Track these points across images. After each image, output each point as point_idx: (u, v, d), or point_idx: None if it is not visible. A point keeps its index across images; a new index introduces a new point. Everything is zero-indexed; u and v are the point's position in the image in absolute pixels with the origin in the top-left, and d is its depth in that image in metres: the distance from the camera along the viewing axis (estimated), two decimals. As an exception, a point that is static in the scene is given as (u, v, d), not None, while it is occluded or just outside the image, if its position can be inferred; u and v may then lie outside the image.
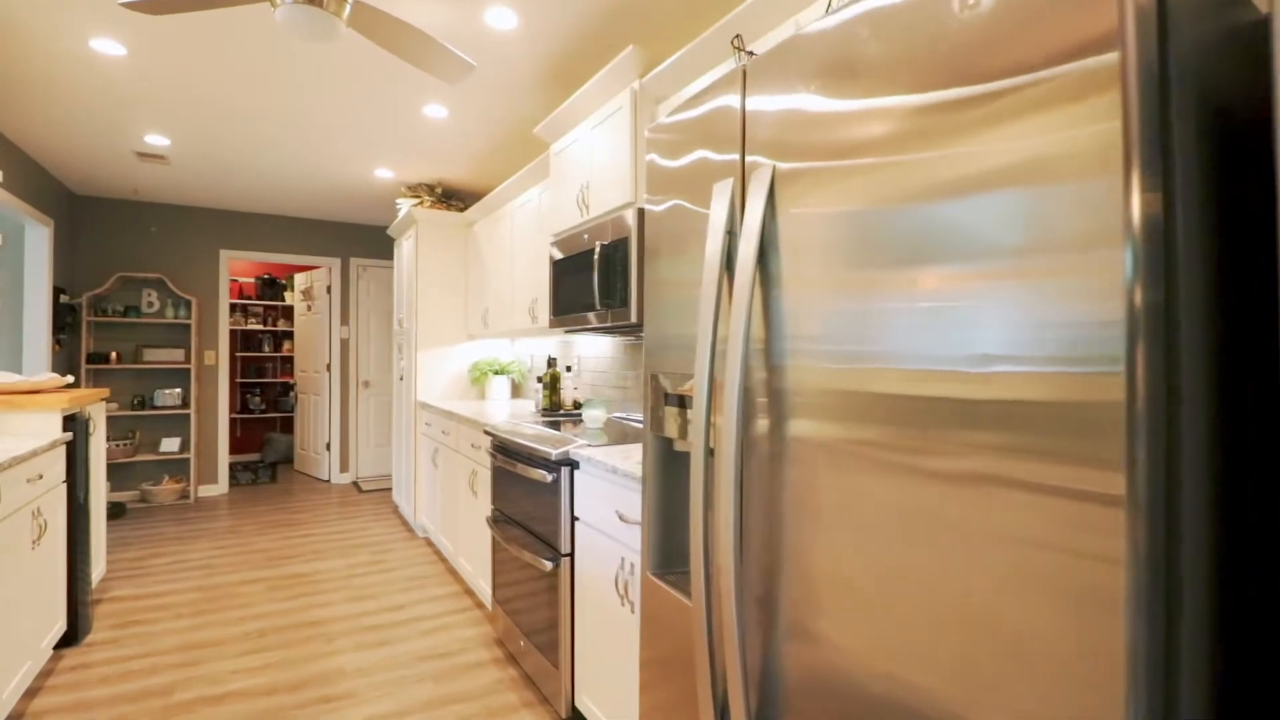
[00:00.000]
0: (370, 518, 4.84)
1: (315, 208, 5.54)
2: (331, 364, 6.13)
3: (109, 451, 5.01)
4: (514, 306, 3.61)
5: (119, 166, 4.34)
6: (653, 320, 1.38)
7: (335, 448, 6.13)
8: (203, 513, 4.99)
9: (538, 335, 3.35)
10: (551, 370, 3.24)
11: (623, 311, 2.30)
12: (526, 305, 3.41)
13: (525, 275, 3.43)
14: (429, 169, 4.35)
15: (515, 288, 3.58)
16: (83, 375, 4.93)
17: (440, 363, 4.40)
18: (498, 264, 3.88)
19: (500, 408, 3.79)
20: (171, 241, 5.44)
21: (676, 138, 1.29)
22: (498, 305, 3.87)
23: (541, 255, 3.24)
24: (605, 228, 2.42)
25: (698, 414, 1.08)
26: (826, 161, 0.90)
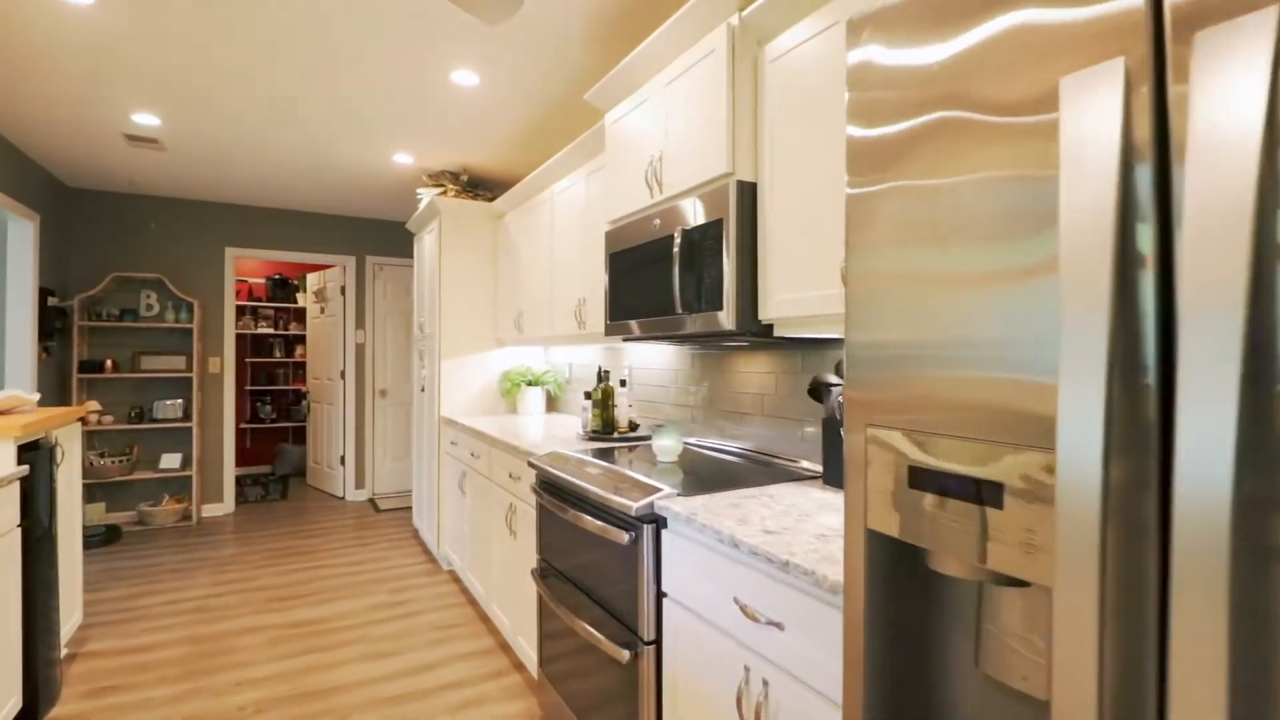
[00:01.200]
0: (389, 544, 4.35)
1: (327, 200, 5.06)
2: (346, 371, 5.66)
3: (104, 469, 4.57)
4: (554, 309, 3.08)
5: (109, 152, 3.88)
6: (868, 330, 0.84)
7: (350, 462, 5.65)
8: (205, 537, 4.53)
9: (586, 343, 2.84)
10: (603, 385, 2.71)
11: (712, 316, 1.77)
12: (570, 307, 2.88)
13: (569, 272, 2.90)
14: (453, 153, 3.84)
15: (556, 287, 3.06)
16: (74, 386, 4.48)
17: (466, 372, 3.89)
18: (533, 259, 3.36)
19: (534, 424, 3.27)
20: (172, 238, 4.99)
21: (903, 92, 0.75)
22: (534, 307, 3.34)
23: (592, 248, 2.71)
24: (686, 209, 1.89)
25: (1080, 505, 0.54)
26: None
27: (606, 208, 2.45)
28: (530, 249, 3.41)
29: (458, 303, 3.87)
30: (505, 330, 3.80)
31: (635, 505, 1.57)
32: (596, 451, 2.34)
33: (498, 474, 2.84)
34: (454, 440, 3.58)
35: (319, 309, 6.13)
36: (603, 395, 2.69)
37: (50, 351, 4.30)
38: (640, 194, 2.18)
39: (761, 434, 2.25)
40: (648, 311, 2.08)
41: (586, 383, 3.56)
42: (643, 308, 2.11)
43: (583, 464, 2.09)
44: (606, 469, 1.97)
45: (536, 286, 3.32)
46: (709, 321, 1.79)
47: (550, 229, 3.14)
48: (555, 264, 3.07)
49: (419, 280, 4.41)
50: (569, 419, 3.55)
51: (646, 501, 1.58)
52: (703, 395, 2.55)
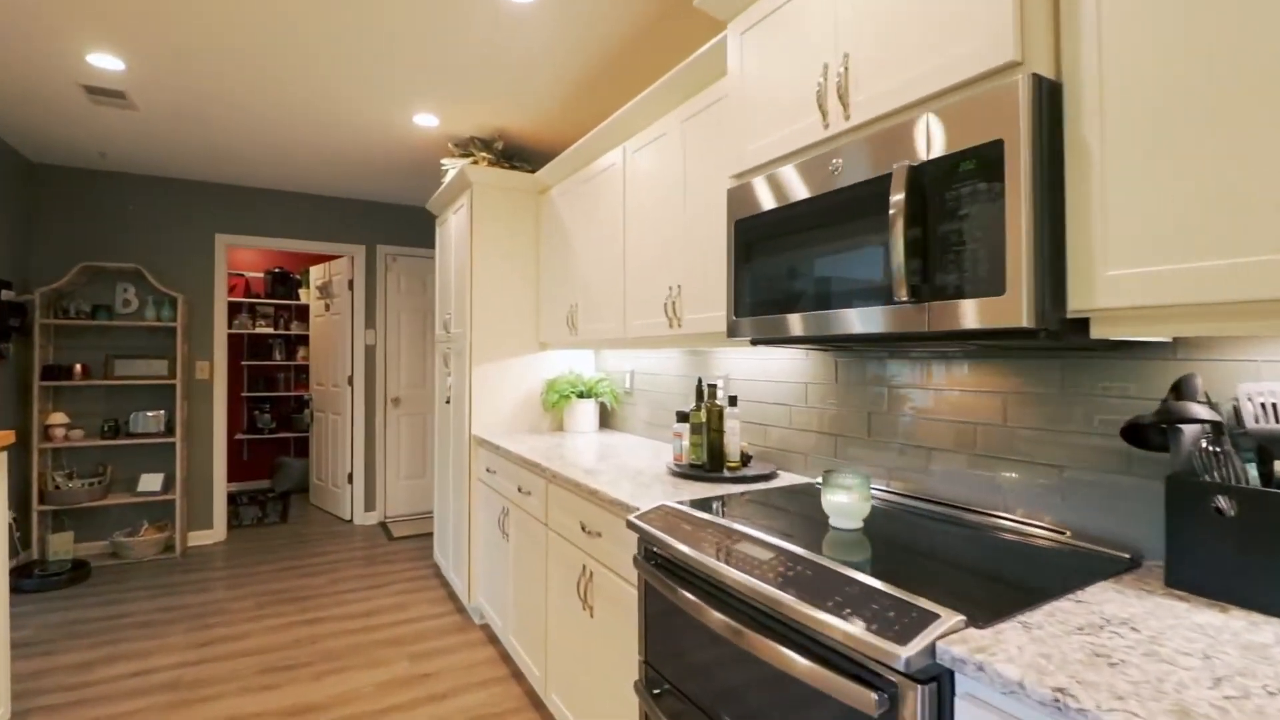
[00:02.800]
0: (406, 585, 3.64)
1: (333, 178, 4.35)
2: (354, 376, 4.96)
3: (72, 493, 3.87)
4: (628, 302, 2.37)
5: (68, 110, 3.18)
6: None
7: (359, 479, 4.95)
8: (189, 574, 3.83)
9: (683, 346, 2.13)
10: (708, 405, 1.98)
11: (977, 306, 1.06)
12: (655, 299, 2.17)
13: (653, 255, 2.19)
14: (488, 113, 3.13)
15: (631, 275, 2.34)
16: (35, 395, 3.79)
17: (503, 380, 3.18)
18: (593, 241, 2.64)
19: (592, 448, 2.56)
20: (152, 223, 4.29)
21: None
22: (595, 301, 2.63)
23: (696, 219, 2.00)
24: (907, 136, 1.17)
25: None
26: None
27: (724, 160, 1.74)
28: (588, 228, 2.70)
29: (492, 297, 3.16)
30: (552, 330, 3.09)
31: (903, 653, 0.85)
32: (716, 503, 1.63)
33: (561, 521, 2.12)
34: (490, 467, 2.87)
35: (323, 306, 5.44)
36: (710, 417, 1.97)
37: (5, 355, 3.61)
38: (802, 125, 1.46)
39: (947, 476, 1.54)
40: (820, 300, 1.37)
41: (654, 394, 2.85)
42: (809, 295, 1.39)
43: (725, 533, 1.37)
44: (775, 548, 1.25)
45: (599, 275, 2.60)
46: (969, 314, 1.07)
47: (621, 200, 2.42)
48: (630, 245, 2.36)
49: (442, 271, 3.71)
50: (634, 441, 2.84)
51: (923, 645, 0.86)
52: (852, 419, 1.83)
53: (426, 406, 5.20)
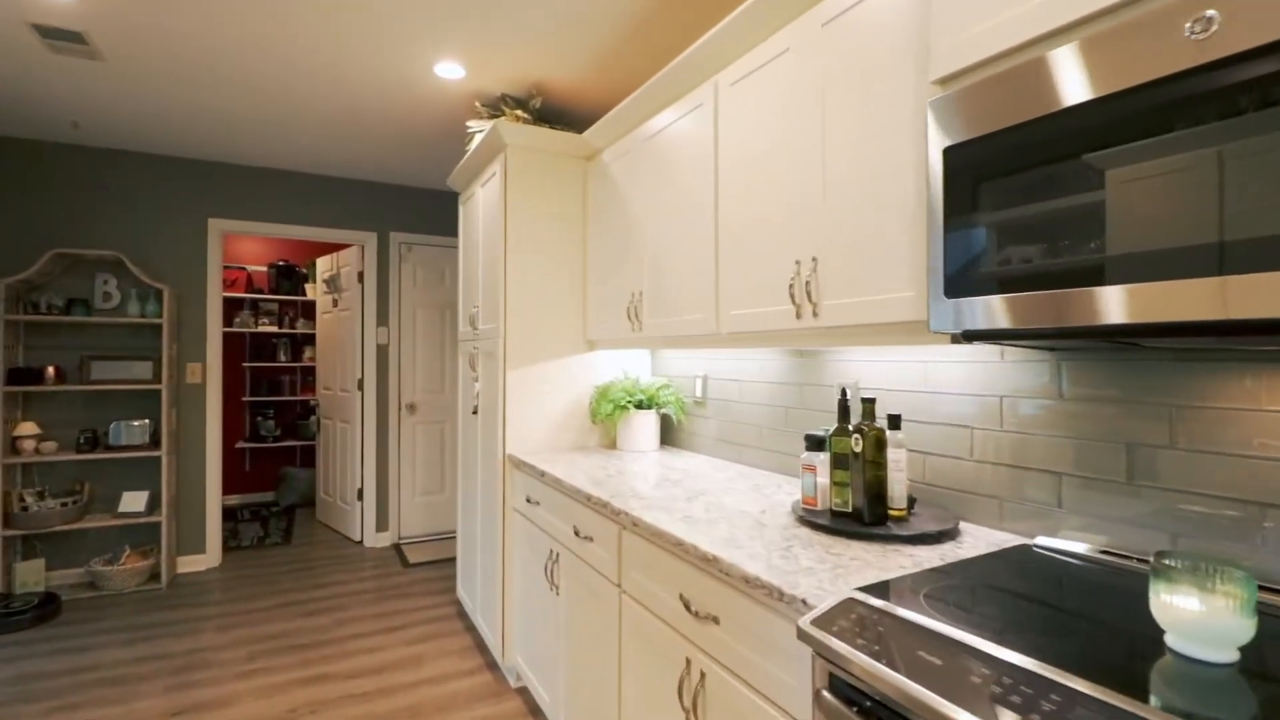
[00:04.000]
0: (425, 628, 3.07)
1: (341, 155, 3.80)
2: (364, 379, 4.41)
3: (43, 514, 3.35)
4: (725, 286, 1.79)
5: (24, 61, 2.64)
6: None
7: (371, 496, 4.40)
8: (174, 611, 3.29)
9: (822, 344, 1.53)
10: (866, 427, 1.38)
11: None
12: (777, 279, 1.58)
13: (778, 217, 1.60)
14: (524, 62, 2.56)
15: (733, 249, 1.76)
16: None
17: (543, 387, 2.60)
18: (671, 209, 2.06)
19: (656, 471, 1.98)
20: (135, 205, 3.76)
21: None
22: (668, 288, 2.05)
23: (846, 164, 1.41)
24: None
25: None
26: None
27: (901, 71, 1.16)
28: (657, 196, 2.12)
29: (530, 286, 2.58)
30: (605, 325, 2.51)
31: None
32: (928, 592, 1.04)
33: (645, 587, 1.54)
34: (532, 496, 2.29)
35: (331, 301, 4.90)
36: (863, 446, 1.37)
37: (-43, 356, 3.08)
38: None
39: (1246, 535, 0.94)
40: (1125, 268, 0.78)
41: (736, 406, 2.26)
42: (1111, 260, 0.80)
43: (992, 668, 0.78)
44: (1117, 716, 0.66)
45: (675, 255, 2.02)
46: None
47: (710, 153, 1.84)
48: (727, 212, 1.77)
49: (468, 256, 3.14)
50: (711, 466, 2.25)
51: None
52: (1094, 452, 1.24)
53: (445, 414, 4.64)
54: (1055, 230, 0.91)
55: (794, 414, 2.00)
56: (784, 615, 1.10)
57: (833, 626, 0.93)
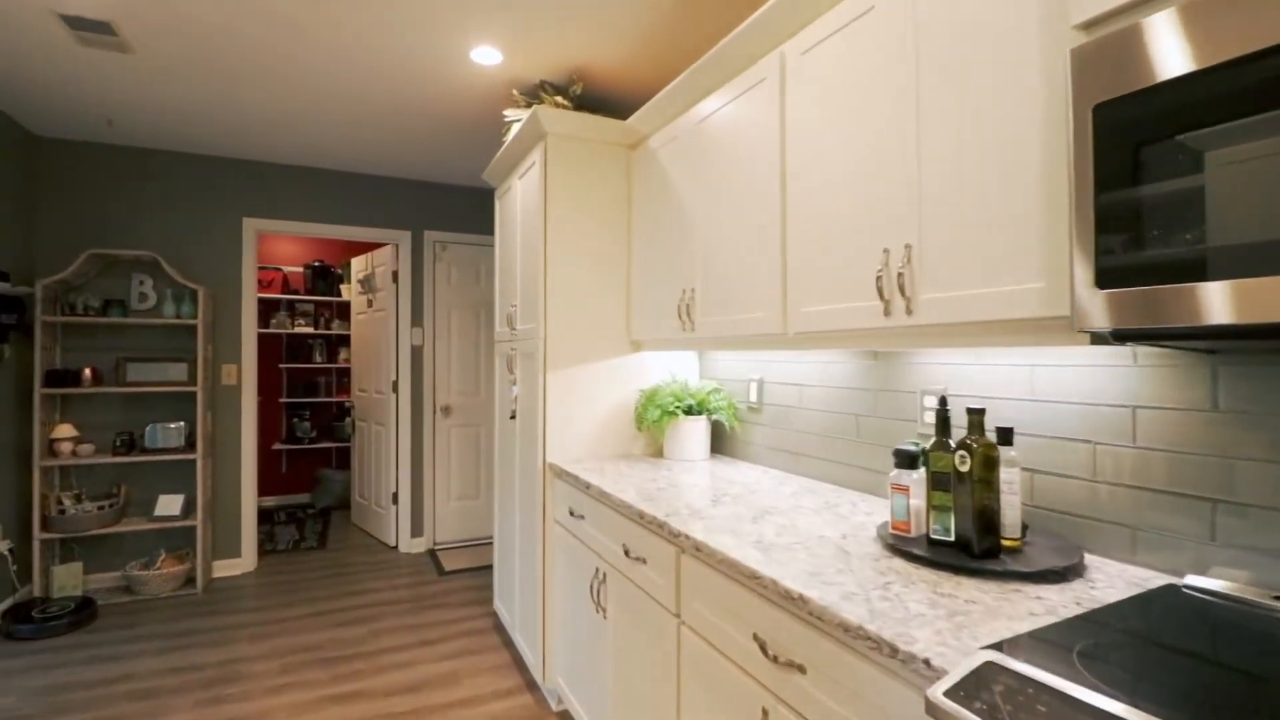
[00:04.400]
0: (461, 642, 2.94)
1: (374, 151, 3.71)
2: (399, 381, 4.32)
3: (80, 518, 3.32)
4: (795, 280, 1.60)
5: (55, 54, 2.59)
6: None
7: (406, 500, 4.31)
8: (208, 618, 3.22)
9: (901, 345, 1.33)
10: (978, 446, 1.18)
11: None
12: (861, 270, 1.38)
13: (861, 200, 1.40)
14: (565, 44, 2.40)
15: (804, 237, 1.57)
16: (36, 404, 3.24)
17: (586, 390, 2.44)
18: (728, 196, 1.88)
19: (711, 483, 1.80)
20: (171, 205, 3.72)
21: None
22: (724, 283, 1.86)
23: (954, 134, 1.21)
24: None
25: None
26: None
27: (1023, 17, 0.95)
28: (711, 183, 1.93)
29: (571, 283, 2.42)
30: (652, 324, 2.33)
31: None
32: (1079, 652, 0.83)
33: (709, 621, 1.36)
34: (576, 509, 2.13)
35: (365, 301, 4.83)
36: (971, 464, 1.17)
37: None
38: None
39: None
40: None
41: (796, 413, 2.06)
42: None
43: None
44: None
45: (733, 247, 1.84)
46: None
47: (776, 133, 1.65)
48: (797, 196, 1.58)
49: (504, 252, 3.00)
50: (770, 479, 2.06)
51: None
52: (1262, 476, 1.02)
53: (480, 417, 4.52)
54: (1241, 204, 0.70)
55: (866, 423, 1.79)
56: (898, 676, 0.91)
57: (975, 703, 0.74)
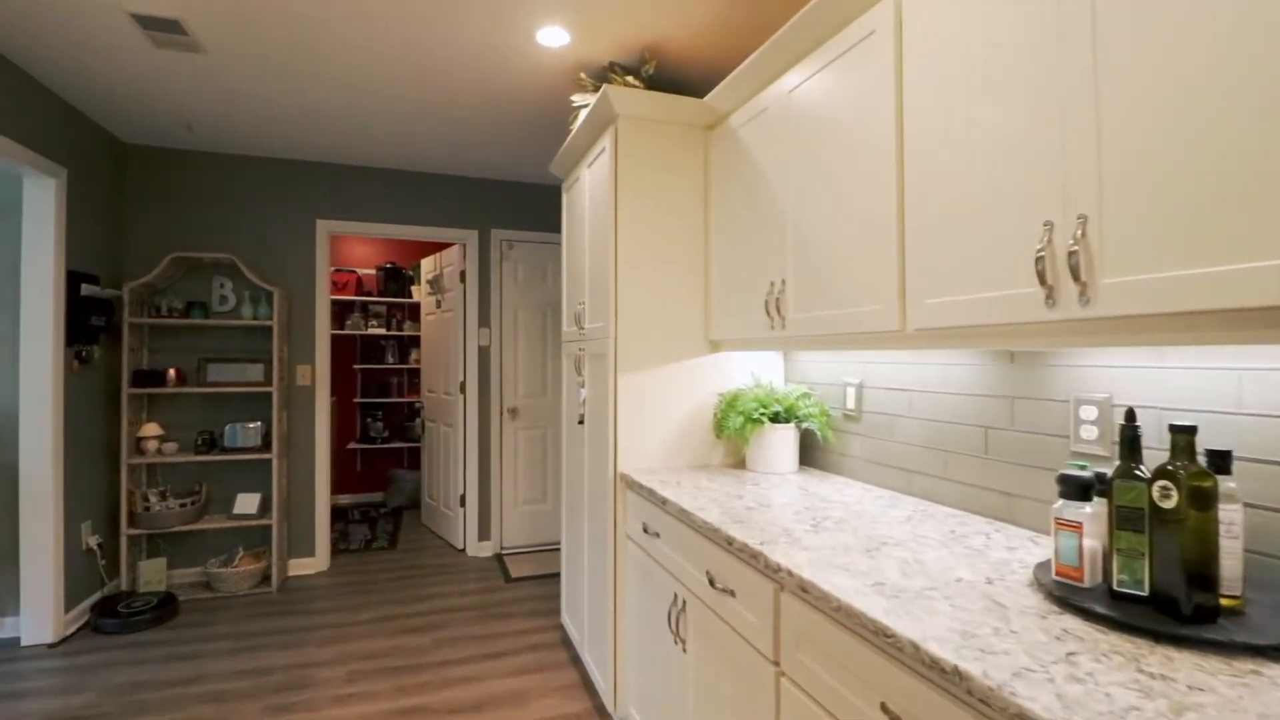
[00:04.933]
0: (527, 657, 2.80)
1: (440, 146, 3.64)
2: (466, 382, 4.25)
3: (163, 515, 3.39)
4: (916, 266, 1.35)
5: (131, 56, 2.61)
6: None
7: (473, 503, 4.24)
8: (281, 619, 3.22)
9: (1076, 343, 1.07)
10: (1188, 476, 0.90)
11: None
12: (1014, 250, 1.11)
13: (1010, 167, 1.13)
14: (636, 19, 2.21)
15: (929, 218, 1.31)
16: (124, 404, 3.34)
17: (659, 394, 2.24)
18: (827, 174, 1.63)
19: (805, 501, 1.56)
20: (247, 208, 3.78)
21: None
22: (823, 271, 1.62)
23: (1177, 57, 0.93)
24: None
25: None
26: None
27: None
28: (806, 160, 1.69)
29: (644, 277, 2.22)
30: (735, 321, 2.10)
31: None
32: None
33: (817, 676, 1.12)
34: (650, 525, 1.93)
35: (434, 302, 4.81)
36: (1179, 498, 0.89)
37: (86, 358, 3.16)
38: None
39: None
40: None
41: (903, 422, 1.78)
42: None
43: None
44: None
45: (835, 230, 1.59)
46: None
47: (890, 92, 1.39)
48: (919, 170, 1.32)
49: (572, 247, 2.84)
50: (871, 498, 1.79)
51: None
52: None
53: (548, 419, 4.41)
54: None
55: (999, 437, 1.51)
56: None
57: None
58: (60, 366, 2.94)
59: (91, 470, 3.24)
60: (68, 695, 2.49)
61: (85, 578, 3.20)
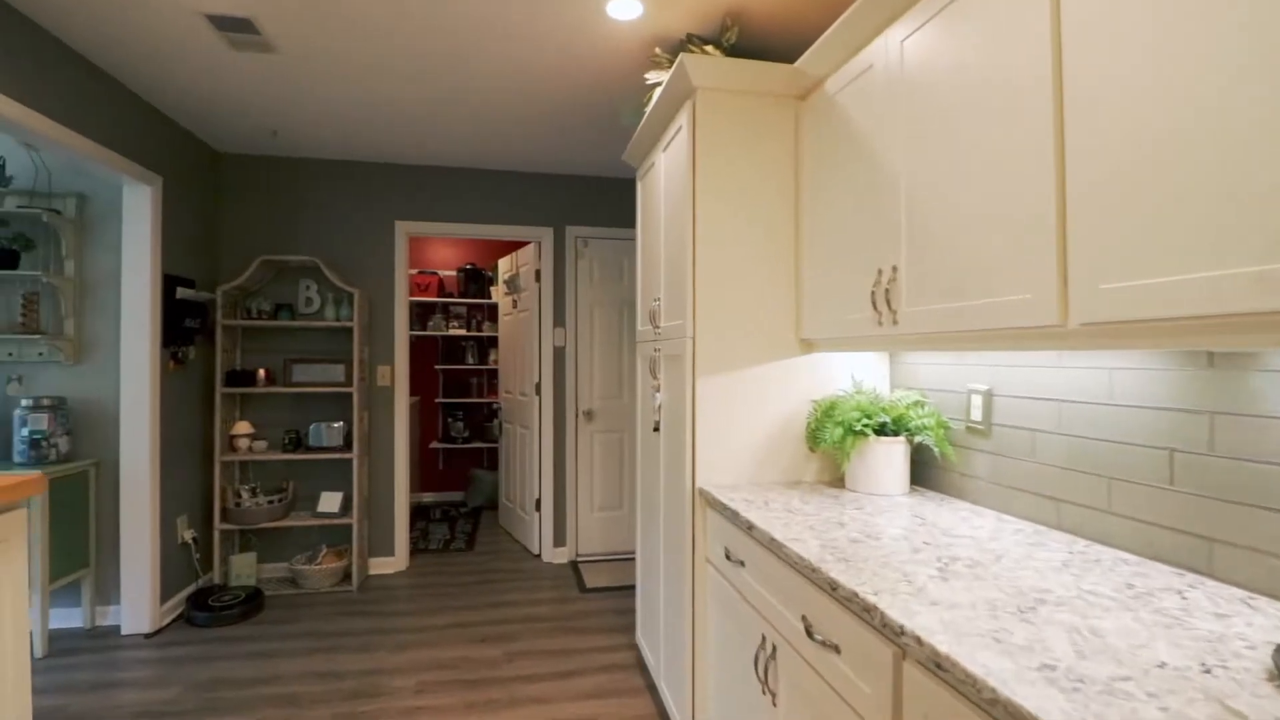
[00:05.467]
0: (600, 678, 2.63)
1: (512, 138, 3.53)
2: (542, 383, 4.15)
3: (252, 511, 3.48)
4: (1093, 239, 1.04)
5: (210, 64, 2.63)
6: None
7: (548, 508, 4.13)
8: (358, 619, 3.21)
9: None
10: None
11: None
12: (1242, 214, 0.80)
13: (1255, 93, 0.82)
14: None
15: (1118, 169, 1.00)
16: (217, 402, 3.44)
17: (743, 400, 1.99)
18: (954, 134, 1.33)
19: (907, 532, 1.27)
20: (328, 211, 3.83)
21: None
22: (950, 259, 1.32)
23: None
24: None
25: None
26: None
27: None
28: (925, 119, 1.39)
29: (725, 269, 1.98)
30: (832, 317, 1.82)
31: None
32: None
33: (956, 782, 0.85)
34: (734, 552, 1.69)
35: (511, 303, 4.75)
36: None
37: (182, 359, 3.27)
38: None
39: None
40: None
41: (1049, 440, 1.45)
42: None
43: None
44: None
45: (969, 204, 1.29)
46: None
47: (1046, 21, 1.08)
48: (1088, 120, 1.01)
49: (647, 238, 2.63)
50: (1000, 525, 1.47)
51: None
52: None
53: (624, 423, 4.24)
54: None
55: (1192, 463, 1.16)
56: None
57: None
58: (157, 367, 3.04)
59: (186, 466, 3.36)
60: (154, 689, 2.54)
61: (181, 570, 3.31)
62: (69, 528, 2.87)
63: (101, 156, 2.64)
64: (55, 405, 2.88)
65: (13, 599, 1.36)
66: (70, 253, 3.02)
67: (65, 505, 2.86)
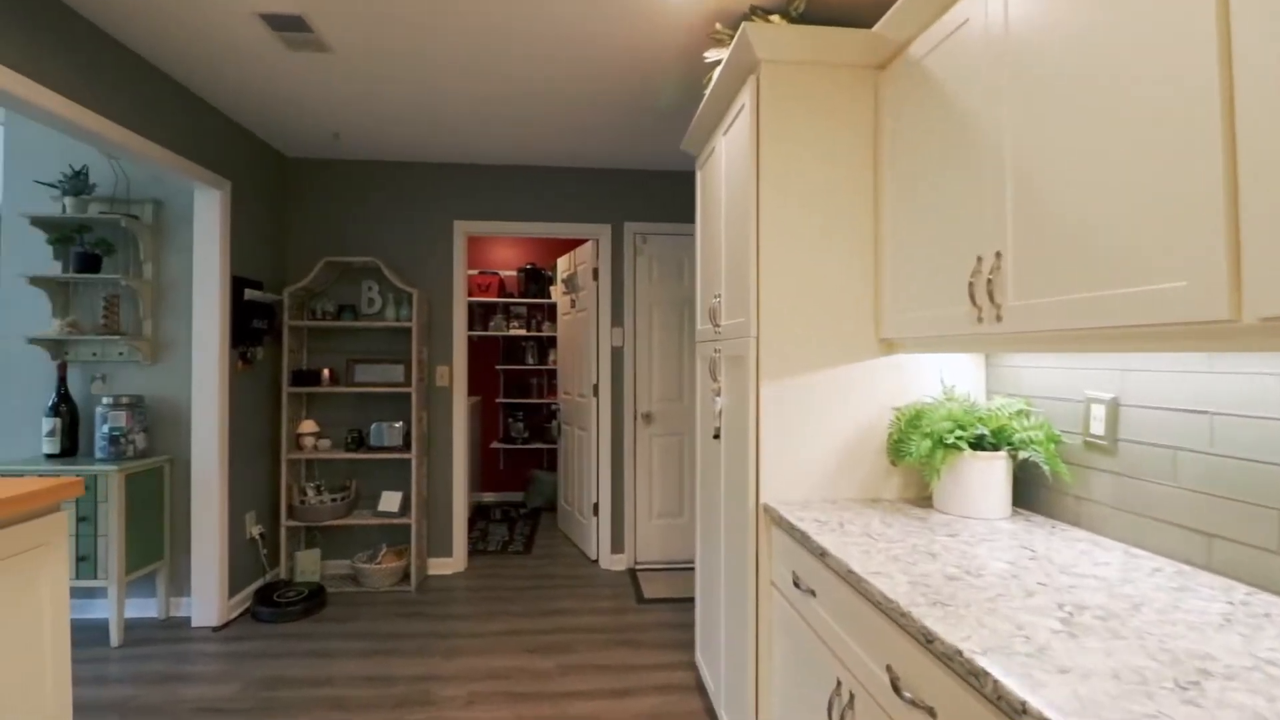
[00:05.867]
0: (656, 698, 2.47)
1: (569, 134, 3.43)
2: (600, 384, 4.04)
3: (317, 509, 3.53)
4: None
5: (268, 66, 2.64)
6: None
7: (606, 513, 4.01)
8: (415, 621, 3.19)
9: None
10: None
11: None
12: None
13: None
14: (787, -65, 1.78)
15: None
16: (283, 401, 3.51)
17: (814, 406, 1.79)
18: (1088, 82, 1.10)
19: (1017, 569, 1.04)
20: (389, 212, 3.84)
21: None
22: (1073, 242, 1.09)
23: None
24: None
25: None
26: None
27: None
28: (1038, 76, 1.16)
29: (793, 261, 1.78)
30: (921, 315, 1.60)
31: None
32: None
33: None
34: (802, 579, 1.50)
35: (569, 302, 4.67)
36: None
37: (250, 359, 3.34)
38: None
39: None
40: None
41: (1193, 459, 1.19)
42: None
43: None
44: None
45: (1087, 177, 1.06)
46: None
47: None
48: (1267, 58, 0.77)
49: (706, 230, 2.45)
50: (1131, 561, 1.22)
51: None
52: None
53: (683, 425, 4.07)
54: None
55: None
56: None
57: None
58: (226, 367, 3.11)
59: (254, 464, 3.43)
60: (216, 684, 2.57)
61: (249, 565, 3.38)
62: (145, 521, 2.97)
63: (174, 163, 2.70)
64: (133, 403, 2.98)
65: (53, 601, 1.34)
66: (147, 256, 3.12)
67: (141, 500, 2.95)
